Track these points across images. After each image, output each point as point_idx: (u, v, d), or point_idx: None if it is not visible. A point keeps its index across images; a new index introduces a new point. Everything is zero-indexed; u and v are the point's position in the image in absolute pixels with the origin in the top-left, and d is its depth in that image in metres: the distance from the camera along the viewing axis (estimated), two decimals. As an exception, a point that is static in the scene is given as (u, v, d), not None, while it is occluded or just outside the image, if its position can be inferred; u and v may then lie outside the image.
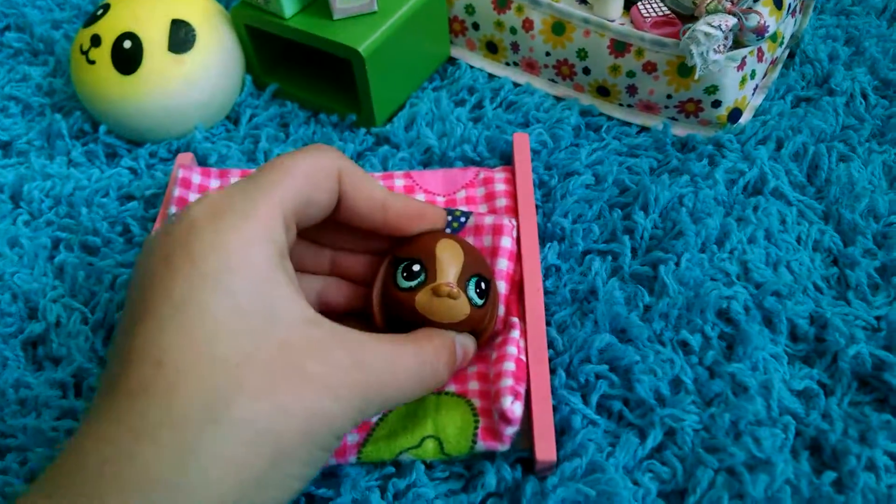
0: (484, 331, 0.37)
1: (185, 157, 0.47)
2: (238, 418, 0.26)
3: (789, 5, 0.46)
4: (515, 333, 0.37)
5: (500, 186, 0.44)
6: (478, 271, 0.35)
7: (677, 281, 0.41)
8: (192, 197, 0.44)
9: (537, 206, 0.45)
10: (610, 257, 0.43)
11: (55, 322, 0.42)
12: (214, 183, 0.45)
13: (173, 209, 0.43)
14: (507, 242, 0.39)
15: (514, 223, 0.40)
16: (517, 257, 0.40)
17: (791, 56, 0.54)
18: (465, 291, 0.34)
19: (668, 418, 0.36)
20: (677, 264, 0.41)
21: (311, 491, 0.35)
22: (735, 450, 0.35)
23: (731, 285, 0.41)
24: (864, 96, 0.51)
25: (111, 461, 0.25)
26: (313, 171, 0.32)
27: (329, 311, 0.36)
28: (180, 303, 0.27)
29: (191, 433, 0.25)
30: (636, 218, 0.43)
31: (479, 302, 0.35)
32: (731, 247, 0.42)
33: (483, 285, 0.35)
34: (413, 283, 0.34)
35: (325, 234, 0.37)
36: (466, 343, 0.36)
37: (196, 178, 0.45)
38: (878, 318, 0.40)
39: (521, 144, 0.46)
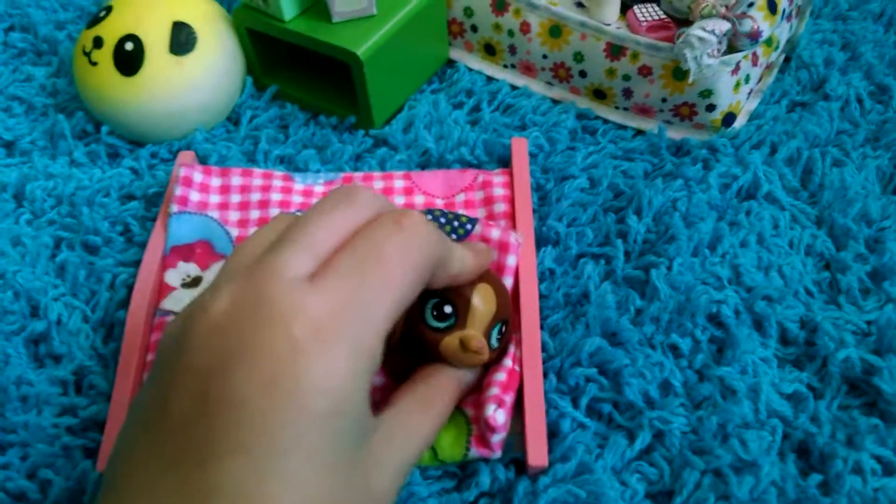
0: (491, 364, 0.37)
1: (187, 156, 0.48)
2: None
3: (784, 10, 0.46)
4: (510, 346, 0.38)
5: (499, 191, 0.45)
6: (504, 318, 0.35)
7: (669, 285, 0.41)
8: (193, 196, 0.45)
9: (533, 210, 0.45)
10: (603, 261, 0.43)
11: (56, 320, 0.42)
12: (216, 181, 0.46)
13: (174, 207, 0.44)
14: (512, 261, 0.39)
15: (521, 241, 0.40)
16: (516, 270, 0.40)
17: (787, 60, 0.54)
18: (489, 338, 0.34)
19: (656, 420, 0.37)
20: (669, 268, 0.42)
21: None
22: (722, 452, 0.35)
23: (721, 289, 0.41)
24: (860, 101, 0.51)
25: None
26: (414, 276, 0.29)
27: None
28: (280, 439, 0.24)
29: None
30: (630, 222, 0.44)
31: (496, 346, 0.35)
32: (724, 251, 0.43)
33: (504, 328, 0.35)
34: (442, 325, 0.33)
35: None
36: (473, 379, 0.36)
37: (198, 176, 0.46)
38: (868, 323, 0.41)
39: (520, 149, 0.46)
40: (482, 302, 0.34)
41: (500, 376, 0.36)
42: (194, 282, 0.42)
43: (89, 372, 0.40)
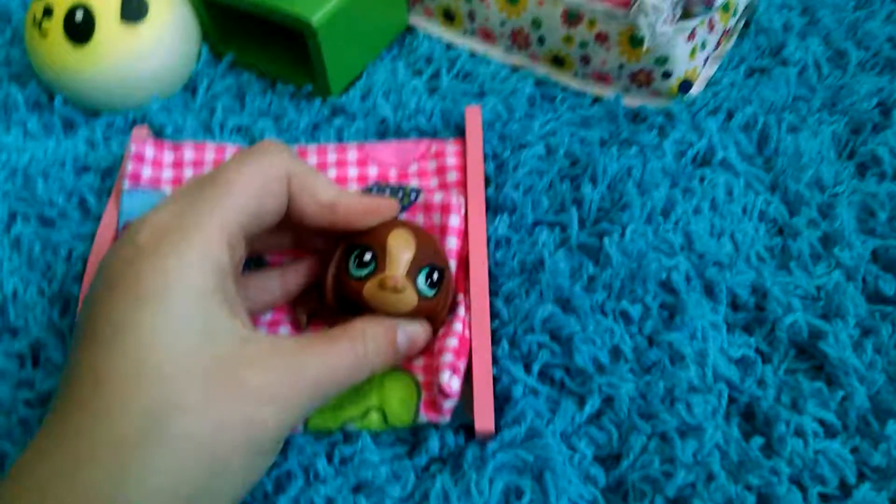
0: (436, 318, 0.38)
1: (141, 131, 0.47)
2: (176, 434, 0.27)
3: (740, -24, 0.46)
4: (461, 310, 0.38)
5: (452, 160, 0.45)
6: (430, 262, 0.36)
7: (621, 252, 0.41)
8: (146, 172, 0.45)
9: (489, 179, 0.46)
10: (558, 228, 0.44)
11: (12, 294, 0.42)
12: (168, 156, 0.46)
13: (126, 183, 0.44)
14: (455, 221, 0.40)
15: (462, 200, 0.41)
16: (464, 233, 0.41)
17: (747, 26, 0.54)
18: (415, 282, 0.35)
19: (605, 386, 0.37)
20: (622, 235, 0.42)
21: (257, 458, 0.36)
22: (667, 416, 0.36)
23: (673, 256, 0.42)
24: (818, 66, 0.51)
25: (52, 480, 0.26)
26: (260, 182, 0.33)
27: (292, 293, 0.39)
28: (120, 324, 0.28)
29: (129, 451, 0.26)
30: (584, 190, 0.44)
31: (430, 293, 0.36)
32: (676, 218, 0.43)
33: (435, 276, 0.36)
34: (363, 273, 0.35)
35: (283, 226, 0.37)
36: (415, 331, 0.36)
37: (150, 151, 0.45)
38: (818, 288, 0.41)
39: (473, 118, 0.46)
40: (398, 244, 0.35)
41: (452, 342, 0.37)
42: None
43: (45, 345, 0.40)
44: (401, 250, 0.35)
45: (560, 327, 0.39)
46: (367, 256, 0.35)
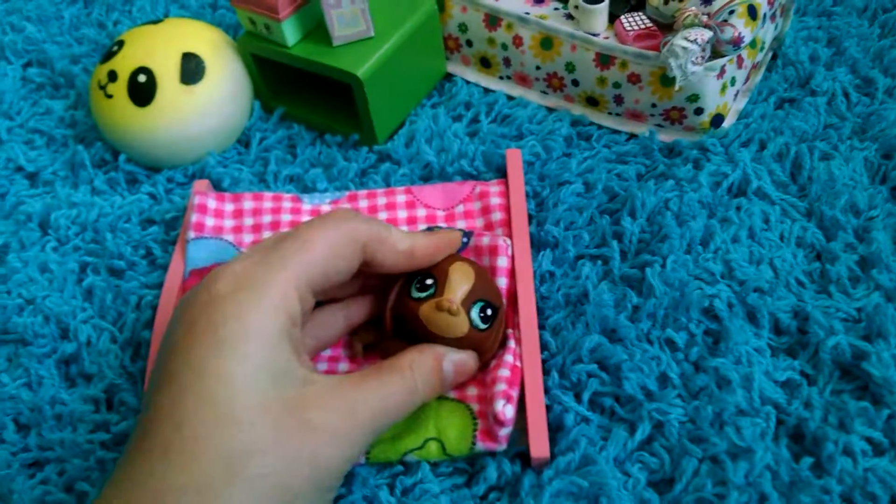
0: (486, 352, 0.39)
1: (202, 184, 0.50)
2: (252, 475, 0.29)
3: (765, 14, 0.48)
4: (511, 343, 0.40)
5: (496, 200, 0.47)
6: (486, 297, 0.38)
7: (663, 282, 0.43)
8: (209, 221, 0.47)
9: (531, 216, 0.48)
10: (600, 262, 0.45)
11: (86, 342, 0.45)
12: (229, 207, 0.48)
13: (191, 233, 0.47)
14: (503, 262, 0.42)
15: (509, 242, 0.43)
16: (512, 272, 0.43)
17: (775, 58, 0.56)
18: (469, 312, 0.38)
19: (655, 412, 0.39)
20: (663, 266, 0.44)
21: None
22: (717, 439, 0.37)
23: (714, 284, 0.43)
24: (846, 95, 0.53)
25: None
26: (332, 245, 0.35)
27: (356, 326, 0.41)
28: (199, 369, 0.30)
29: (212, 494, 0.28)
30: (624, 223, 0.46)
31: (482, 326, 0.38)
32: (716, 247, 0.45)
33: (489, 311, 0.38)
34: (423, 295, 0.38)
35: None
36: (461, 359, 0.38)
37: (211, 202, 0.48)
38: (858, 310, 0.42)
39: (514, 160, 0.49)
40: (458, 275, 0.38)
41: (505, 373, 0.38)
42: None
43: (119, 389, 0.43)
44: (460, 281, 0.38)
45: (607, 357, 0.41)
46: (429, 281, 0.38)
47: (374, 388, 0.34)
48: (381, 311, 0.40)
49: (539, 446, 0.37)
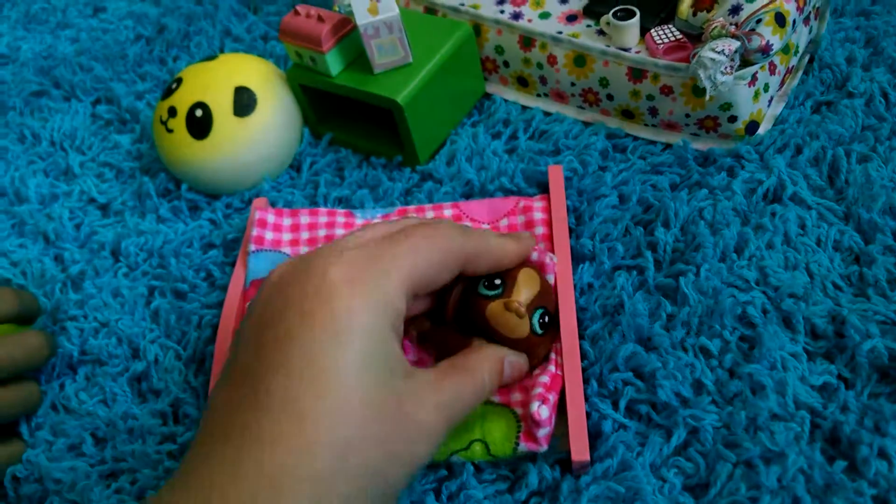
0: (535, 358, 0.41)
1: (261, 202, 0.54)
2: (359, 467, 0.30)
3: (794, 21, 0.48)
4: (552, 354, 0.42)
5: (538, 215, 0.49)
6: (545, 305, 0.41)
7: (697, 291, 0.44)
8: (268, 235, 0.50)
9: (571, 230, 0.49)
10: (636, 272, 0.47)
11: (154, 360, 0.49)
12: (287, 221, 0.52)
13: (252, 246, 0.50)
14: (550, 279, 0.44)
15: (555, 259, 0.44)
16: (554, 286, 0.44)
17: (811, 61, 0.56)
18: (531, 316, 0.40)
19: (689, 418, 0.40)
20: (697, 275, 0.45)
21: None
22: (751, 444, 0.38)
23: (749, 291, 0.44)
24: (884, 95, 0.52)
25: None
26: (439, 254, 0.36)
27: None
28: (319, 361, 0.30)
29: (324, 485, 0.29)
30: (658, 234, 0.47)
31: (539, 331, 0.40)
32: (750, 254, 0.45)
33: (546, 318, 0.41)
34: (491, 293, 0.40)
35: None
36: (517, 362, 0.40)
37: (271, 217, 0.51)
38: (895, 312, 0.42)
39: (556, 176, 0.50)
40: (526, 280, 0.40)
41: (544, 378, 0.40)
42: None
43: (184, 403, 0.46)
44: (527, 286, 0.40)
45: (643, 365, 0.42)
46: (497, 281, 0.40)
47: (454, 384, 0.35)
48: (440, 303, 0.42)
49: (579, 450, 0.38)
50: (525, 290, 0.40)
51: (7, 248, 0.57)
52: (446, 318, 0.41)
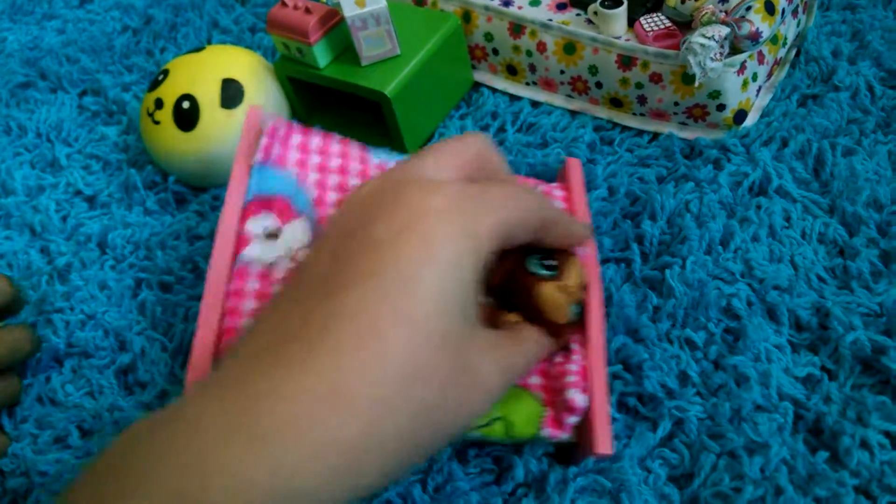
0: (559, 345, 0.40)
1: (257, 110, 0.46)
2: (418, 401, 0.28)
3: (783, 10, 0.48)
4: (575, 345, 0.41)
5: (558, 204, 0.47)
6: (582, 300, 0.40)
7: (682, 283, 0.44)
8: (276, 149, 0.44)
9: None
10: (624, 265, 0.47)
11: (140, 352, 0.48)
12: (296, 139, 0.46)
13: (259, 156, 0.44)
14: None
15: (589, 252, 0.43)
16: None
17: (798, 54, 0.56)
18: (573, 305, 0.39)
19: (675, 409, 0.40)
20: (682, 267, 0.45)
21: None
22: (734, 435, 0.38)
23: (734, 283, 0.44)
24: (870, 89, 0.53)
25: (303, 416, 0.26)
26: (526, 216, 0.34)
27: None
28: (408, 279, 0.28)
29: (382, 412, 0.27)
30: (644, 226, 0.47)
31: (575, 320, 0.40)
32: (735, 246, 0.46)
33: (580, 310, 0.40)
34: (543, 273, 0.38)
35: None
36: (549, 347, 0.39)
37: (281, 130, 0.45)
38: (879, 305, 0.43)
39: (575, 169, 0.48)
40: (577, 267, 0.39)
41: (575, 367, 0.39)
42: (273, 235, 0.42)
43: (170, 395, 0.46)
44: (578, 274, 0.39)
45: (630, 356, 0.42)
46: (552, 262, 0.39)
47: (510, 351, 0.34)
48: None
49: (604, 443, 0.37)
50: (576, 276, 0.39)
51: (-7, 241, 0.57)
52: (489, 287, 0.40)
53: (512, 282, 0.39)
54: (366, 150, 0.48)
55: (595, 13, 0.52)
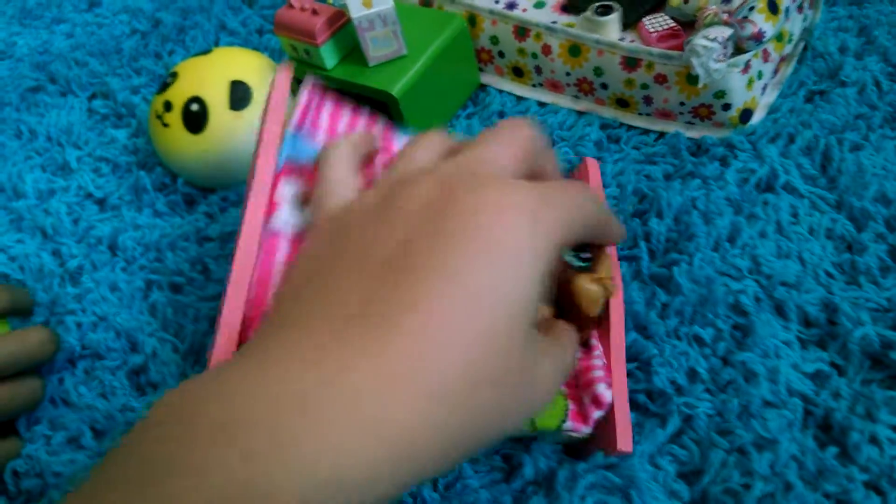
0: (581, 340, 0.40)
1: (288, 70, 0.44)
2: (484, 401, 0.28)
3: (787, 8, 0.48)
4: (594, 341, 0.41)
5: None
6: (612, 293, 0.39)
7: (690, 280, 0.44)
8: (310, 114, 0.43)
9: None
10: (634, 263, 0.47)
11: (152, 353, 0.49)
12: (328, 108, 0.45)
13: (294, 123, 0.42)
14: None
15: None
16: None
17: (806, 49, 0.56)
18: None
19: (684, 406, 0.40)
20: (690, 264, 0.45)
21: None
22: (743, 432, 0.38)
23: (741, 279, 0.44)
24: (877, 84, 0.53)
25: (359, 398, 0.26)
26: (587, 220, 0.34)
27: None
28: (483, 279, 0.28)
29: (449, 403, 0.27)
30: (651, 224, 0.47)
31: (601, 314, 0.39)
32: (743, 243, 0.46)
33: (604, 306, 0.40)
34: (578, 264, 0.38)
35: None
36: (577, 343, 0.38)
37: (315, 98, 0.44)
38: (888, 300, 0.43)
39: (594, 169, 0.47)
40: (609, 262, 0.39)
41: (599, 363, 0.40)
42: (304, 200, 0.41)
43: (183, 396, 0.46)
44: (608, 268, 0.39)
45: (640, 352, 0.42)
46: (586, 255, 0.38)
47: (556, 356, 0.34)
48: None
49: (625, 440, 0.38)
50: (607, 270, 0.38)
51: (5, 244, 0.57)
52: None
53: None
54: (391, 130, 0.46)
55: (586, 20, 0.53)
